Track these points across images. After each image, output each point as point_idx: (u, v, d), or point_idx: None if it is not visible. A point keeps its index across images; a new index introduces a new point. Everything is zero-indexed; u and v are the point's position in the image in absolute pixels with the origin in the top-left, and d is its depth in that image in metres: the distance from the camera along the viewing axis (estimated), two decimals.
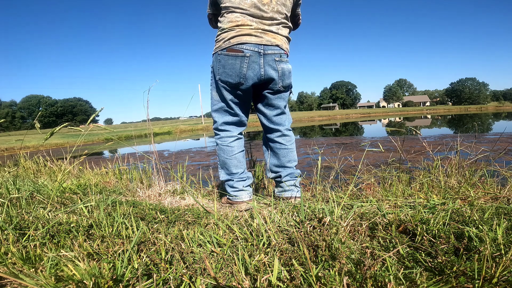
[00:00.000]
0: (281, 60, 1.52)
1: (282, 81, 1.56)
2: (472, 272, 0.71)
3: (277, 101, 1.62)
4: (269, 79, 1.52)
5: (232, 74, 1.49)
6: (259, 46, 1.46)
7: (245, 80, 1.50)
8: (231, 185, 1.63)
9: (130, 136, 15.24)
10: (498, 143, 4.97)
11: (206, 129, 22.11)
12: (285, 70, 1.55)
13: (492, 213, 1.10)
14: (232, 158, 1.63)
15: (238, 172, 1.64)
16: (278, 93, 1.60)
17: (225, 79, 1.52)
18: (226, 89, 1.56)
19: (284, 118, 1.69)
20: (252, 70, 1.48)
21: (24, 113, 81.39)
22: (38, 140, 12.97)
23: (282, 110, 1.66)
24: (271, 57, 1.49)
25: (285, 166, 1.69)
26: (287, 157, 1.68)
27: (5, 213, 1.19)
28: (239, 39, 1.45)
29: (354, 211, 1.12)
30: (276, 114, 1.65)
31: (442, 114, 30.58)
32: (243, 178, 1.65)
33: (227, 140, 1.64)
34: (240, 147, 1.68)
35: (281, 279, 0.75)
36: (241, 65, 1.47)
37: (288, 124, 1.71)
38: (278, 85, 1.56)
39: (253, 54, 1.46)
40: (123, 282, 0.72)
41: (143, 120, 11.98)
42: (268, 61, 1.49)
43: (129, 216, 1.20)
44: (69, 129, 1.60)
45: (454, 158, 1.86)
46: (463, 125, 13.17)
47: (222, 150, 1.64)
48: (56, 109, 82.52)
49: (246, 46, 1.45)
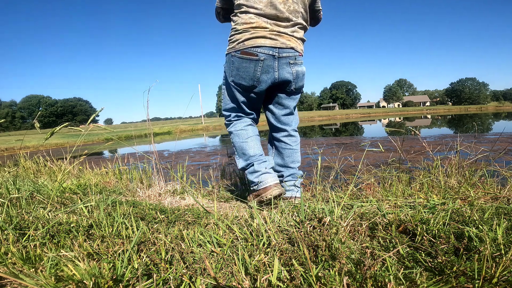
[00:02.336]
0: (295, 63, 1.50)
1: (296, 84, 1.55)
2: (472, 272, 0.71)
3: (288, 101, 1.61)
4: (283, 81, 1.51)
5: (245, 77, 1.48)
6: (274, 49, 1.43)
7: (258, 83, 1.48)
8: (252, 170, 1.54)
9: (130, 136, 15.23)
10: (498, 143, 4.97)
11: (206, 129, 22.10)
12: (299, 73, 1.54)
13: (492, 213, 1.10)
14: (248, 140, 1.59)
15: (256, 153, 1.58)
16: (291, 94, 1.60)
17: (239, 81, 1.51)
18: (239, 91, 1.55)
19: (291, 118, 1.67)
20: (266, 73, 1.46)
21: (24, 113, 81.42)
22: (38, 140, 12.96)
23: (291, 110, 1.65)
24: (285, 60, 1.47)
25: (289, 166, 1.67)
26: (291, 157, 1.67)
27: (5, 213, 1.19)
28: (254, 42, 1.42)
29: (354, 211, 1.12)
30: (285, 114, 1.64)
31: (442, 114, 30.57)
32: (263, 160, 1.58)
33: (241, 125, 1.62)
34: (254, 130, 1.66)
35: (281, 279, 0.75)
36: (255, 68, 1.45)
37: (295, 125, 1.70)
38: (292, 88, 1.55)
39: (268, 58, 1.43)
40: (123, 282, 0.72)
41: (143, 120, 11.93)
42: (282, 64, 1.46)
43: (129, 216, 1.20)
44: (69, 129, 1.60)
45: (454, 158, 1.86)
46: (463, 125, 13.16)
47: (237, 136, 1.61)
48: (56, 109, 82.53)
49: (261, 49, 1.42)
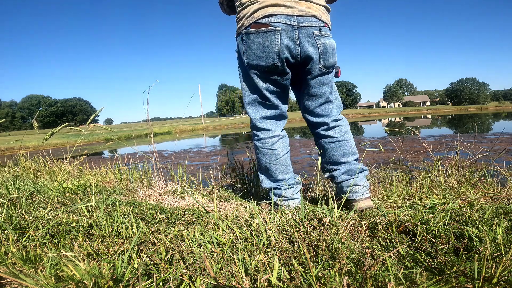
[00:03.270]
0: (321, 34, 1.22)
1: (324, 60, 1.25)
2: (472, 272, 0.71)
3: (318, 89, 1.31)
4: (306, 58, 1.23)
5: (261, 55, 1.22)
6: (291, 18, 1.17)
7: (279, 60, 1.21)
8: (278, 194, 1.39)
9: (130, 136, 15.23)
10: (498, 143, 4.97)
11: (206, 129, 22.10)
12: (328, 46, 1.24)
13: (492, 213, 1.10)
14: (276, 162, 1.36)
15: (285, 178, 1.37)
16: (320, 76, 1.29)
17: (255, 62, 1.24)
18: (258, 75, 1.28)
19: (330, 107, 1.36)
20: (287, 47, 1.20)
21: (24, 113, 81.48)
22: (38, 140, 12.96)
23: (326, 98, 1.34)
24: (308, 30, 1.19)
25: (340, 161, 1.36)
26: (341, 150, 1.35)
27: (5, 213, 1.19)
28: (265, 11, 1.18)
29: (354, 211, 1.12)
30: (320, 104, 1.35)
31: (442, 114, 30.58)
32: (291, 185, 1.38)
33: (268, 142, 1.36)
34: (285, 147, 1.39)
35: (281, 279, 0.75)
36: (271, 42, 1.18)
37: (336, 113, 1.38)
38: (319, 65, 1.25)
39: (285, 28, 1.17)
40: (123, 282, 0.72)
41: (143, 120, 11.78)
42: (305, 36, 1.19)
43: (129, 216, 1.19)
44: (69, 129, 1.60)
45: (454, 158, 1.86)
46: (463, 125, 13.17)
47: (263, 154, 1.37)
48: (56, 109, 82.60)
49: (274, 18, 1.17)
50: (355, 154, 1.36)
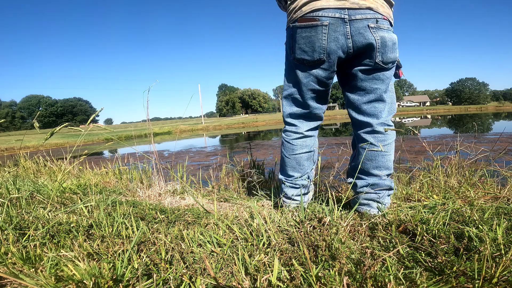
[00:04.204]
0: (378, 27, 1.14)
1: (382, 55, 1.15)
2: (472, 272, 0.71)
3: (370, 83, 1.21)
4: (360, 51, 1.16)
5: (307, 49, 1.18)
6: (342, 11, 1.12)
7: (325, 55, 1.17)
8: (283, 187, 1.42)
9: (130, 136, 15.24)
10: (498, 143, 4.97)
11: (206, 129, 22.10)
12: (387, 40, 1.15)
13: (492, 213, 1.10)
14: (290, 157, 1.38)
15: (293, 176, 1.39)
16: (375, 71, 1.19)
17: (300, 56, 1.22)
18: (302, 70, 1.25)
19: (380, 107, 1.24)
20: (335, 42, 1.14)
21: (24, 113, 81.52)
22: (38, 140, 12.97)
23: (378, 96, 1.22)
24: (362, 23, 1.12)
25: (369, 172, 1.26)
26: (375, 161, 1.24)
27: (5, 213, 1.19)
28: (313, 5, 1.15)
29: (354, 211, 1.12)
30: (368, 101, 1.24)
31: (442, 114, 30.58)
32: (296, 186, 1.38)
33: (290, 136, 1.39)
34: (305, 146, 1.37)
35: (281, 279, 0.75)
36: (318, 37, 1.15)
37: (386, 115, 1.25)
38: (376, 59, 1.16)
39: (334, 22, 1.13)
40: (123, 282, 0.72)
41: (143, 120, 11.96)
42: (358, 29, 1.13)
43: (129, 216, 1.20)
44: (69, 129, 1.60)
45: (454, 158, 1.86)
46: (463, 125, 13.17)
47: (283, 146, 1.41)
48: (56, 109, 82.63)
49: (323, 12, 1.13)
50: (389, 169, 1.26)
